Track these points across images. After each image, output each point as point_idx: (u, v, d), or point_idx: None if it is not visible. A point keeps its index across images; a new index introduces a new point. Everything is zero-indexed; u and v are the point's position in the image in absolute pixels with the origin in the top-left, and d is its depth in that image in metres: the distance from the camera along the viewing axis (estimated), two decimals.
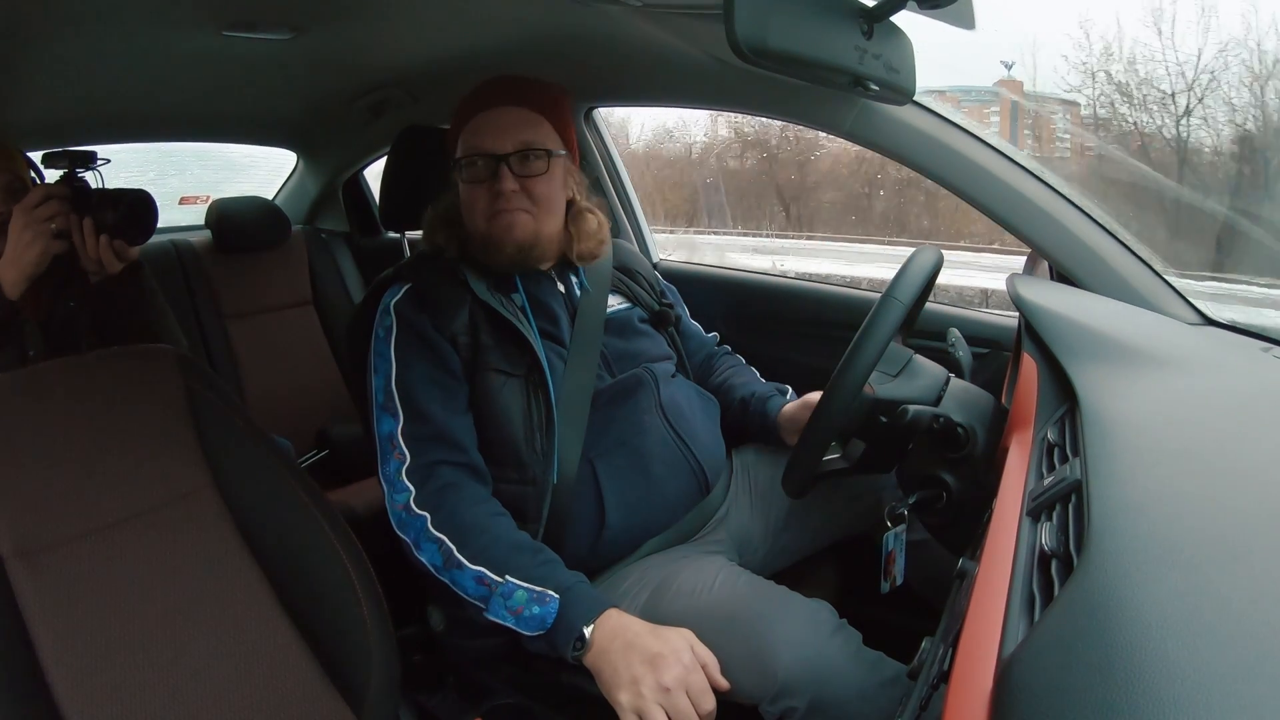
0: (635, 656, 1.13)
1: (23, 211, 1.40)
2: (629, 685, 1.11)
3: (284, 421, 2.42)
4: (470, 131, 1.45)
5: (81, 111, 2.19)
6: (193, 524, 1.29)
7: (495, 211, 1.43)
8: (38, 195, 1.41)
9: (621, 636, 1.16)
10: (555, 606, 1.20)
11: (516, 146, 1.43)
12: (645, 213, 2.50)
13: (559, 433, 1.40)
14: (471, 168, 1.43)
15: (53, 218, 1.40)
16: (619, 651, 1.14)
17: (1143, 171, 3.66)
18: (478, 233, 1.46)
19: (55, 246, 1.41)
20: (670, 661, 1.11)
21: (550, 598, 1.21)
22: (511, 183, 1.42)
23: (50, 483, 1.22)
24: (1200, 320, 1.42)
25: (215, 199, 2.73)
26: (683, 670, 1.11)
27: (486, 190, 1.43)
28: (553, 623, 1.20)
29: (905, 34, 1.31)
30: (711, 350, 1.82)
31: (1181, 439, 0.88)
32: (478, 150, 1.43)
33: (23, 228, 1.39)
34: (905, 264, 1.30)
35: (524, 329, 1.41)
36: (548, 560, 1.28)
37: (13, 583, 1.15)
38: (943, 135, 1.54)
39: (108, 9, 1.51)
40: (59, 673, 1.12)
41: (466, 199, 1.46)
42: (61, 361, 1.34)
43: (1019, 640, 0.63)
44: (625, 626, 1.18)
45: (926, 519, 1.33)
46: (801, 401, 1.58)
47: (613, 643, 1.16)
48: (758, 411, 1.64)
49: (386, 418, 1.36)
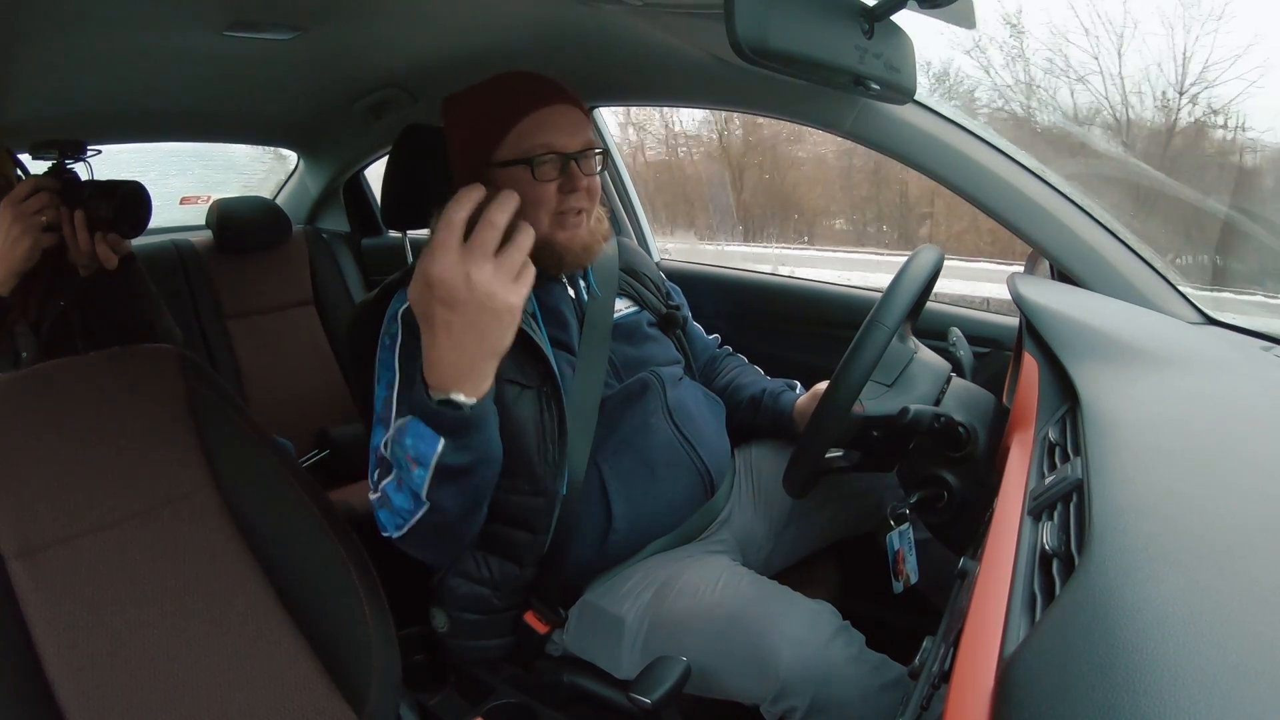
0: (431, 302, 1.05)
1: (11, 204, 1.36)
2: (443, 303, 1.04)
3: (284, 421, 2.43)
4: (534, 128, 1.37)
5: (82, 110, 2.19)
6: (194, 523, 1.30)
7: (564, 210, 1.39)
8: (26, 187, 1.38)
9: (430, 338, 1.08)
10: (414, 423, 1.13)
11: (581, 145, 1.39)
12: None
13: (570, 442, 1.39)
14: (543, 166, 1.36)
15: (42, 210, 1.37)
16: (432, 329, 1.07)
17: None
18: (538, 233, 1.41)
19: (45, 240, 1.38)
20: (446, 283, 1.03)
21: (406, 428, 1.14)
22: (582, 180, 1.39)
23: (52, 483, 1.22)
24: (1201, 320, 1.43)
25: (216, 199, 2.73)
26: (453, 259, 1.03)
27: (555, 189, 1.38)
28: (428, 427, 1.13)
29: (906, 33, 1.31)
30: (714, 352, 1.82)
31: (1182, 439, 0.88)
32: (550, 148, 1.36)
33: (11, 221, 1.36)
34: (900, 272, 1.30)
35: (537, 338, 1.38)
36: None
37: (14, 582, 1.15)
38: (944, 135, 1.54)
39: (108, 9, 1.51)
40: (60, 671, 1.12)
41: (529, 198, 1.35)
42: (63, 362, 1.34)
43: (1020, 640, 0.63)
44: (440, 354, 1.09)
45: (928, 518, 1.33)
46: (812, 393, 1.58)
47: (432, 351, 1.08)
48: (770, 407, 1.64)
49: (379, 429, 1.33)
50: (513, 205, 1.05)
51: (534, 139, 1.36)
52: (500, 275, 1.04)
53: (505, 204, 1.05)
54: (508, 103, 1.39)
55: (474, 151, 1.41)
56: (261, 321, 2.68)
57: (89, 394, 1.31)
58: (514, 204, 1.06)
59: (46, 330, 1.55)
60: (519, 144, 1.36)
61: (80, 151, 1.46)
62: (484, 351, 1.08)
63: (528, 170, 1.35)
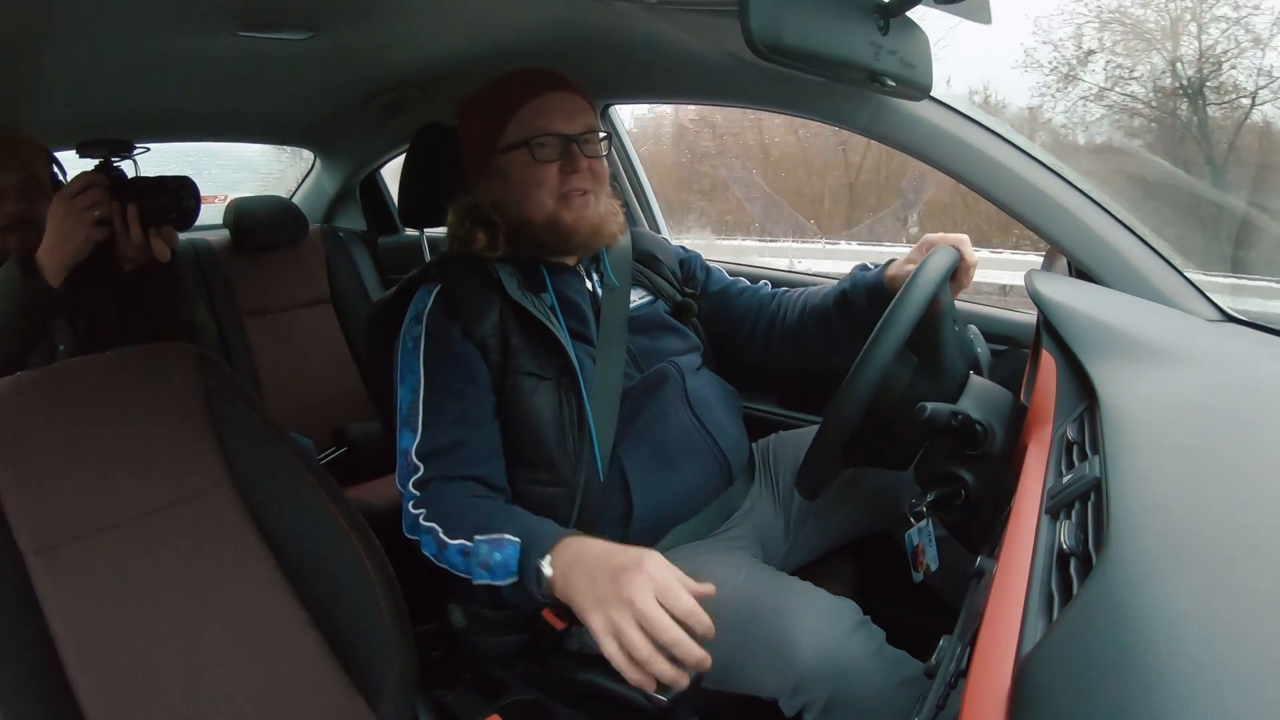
0: (599, 575, 1.08)
1: (63, 200, 1.41)
2: (596, 607, 1.06)
3: (301, 419, 2.44)
4: (531, 114, 1.43)
5: (98, 111, 2.21)
6: (211, 520, 1.30)
7: (567, 191, 1.44)
8: (78, 184, 1.42)
9: (582, 560, 1.12)
10: (515, 550, 1.18)
11: (582, 129, 1.45)
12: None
13: (593, 433, 1.41)
14: (542, 148, 1.42)
15: (94, 206, 1.41)
16: (582, 576, 1.10)
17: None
18: (543, 214, 1.45)
19: (97, 234, 1.42)
20: (631, 572, 1.05)
21: (508, 541, 1.19)
22: (583, 161, 1.44)
23: (70, 480, 1.23)
24: (1219, 316, 1.41)
25: (233, 198, 2.74)
26: (646, 578, 1.04)
27: (557, 170, 1.43)
28: (517, 566, 1.17)
29: (921, 29, 1.31)
30: (766, 300, 1.72)
31: (1201, 437, 0.88)
32: (547, 130, 1.42)
33: (63, 216, 1.40)
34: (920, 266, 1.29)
35: (555, 330, 1.41)
36: (515, 515, 1.26)
37: (33, 578, 1.16)
38: (960, 130, 1.53)
39: (123, 10, 1.52)
40: (78, 667, 1.13)
41: (532, 180, 1.44)
42: (82, 360, 1.35)
43: (1037, 639, 0.62)
44: (584, 549, 1.14)
45: (944, 516, 1.32)
46: (906, 258, 1.51)
47: (574, 568, 1.11)
48: (863, 286, 1.55)
49: (406, 433, 1.36)
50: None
51: (533, 123, 1.43)
52: (662, 615, 1.03)
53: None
54: (509, 93, 1.46)
55: (481, 144, 1.47)
56: (278, 320, 2.70)
57: (108, 392, 1.32)
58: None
59: (84, 324, 1.58)
60: (519, 129, 1.43)
61: (128, 150, 1.50)
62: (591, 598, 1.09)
63: (528, 152, 1.42)
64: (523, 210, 1.46)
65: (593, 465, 1.40)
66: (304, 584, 1.31)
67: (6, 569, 1.15)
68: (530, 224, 1.46)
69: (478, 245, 1.47)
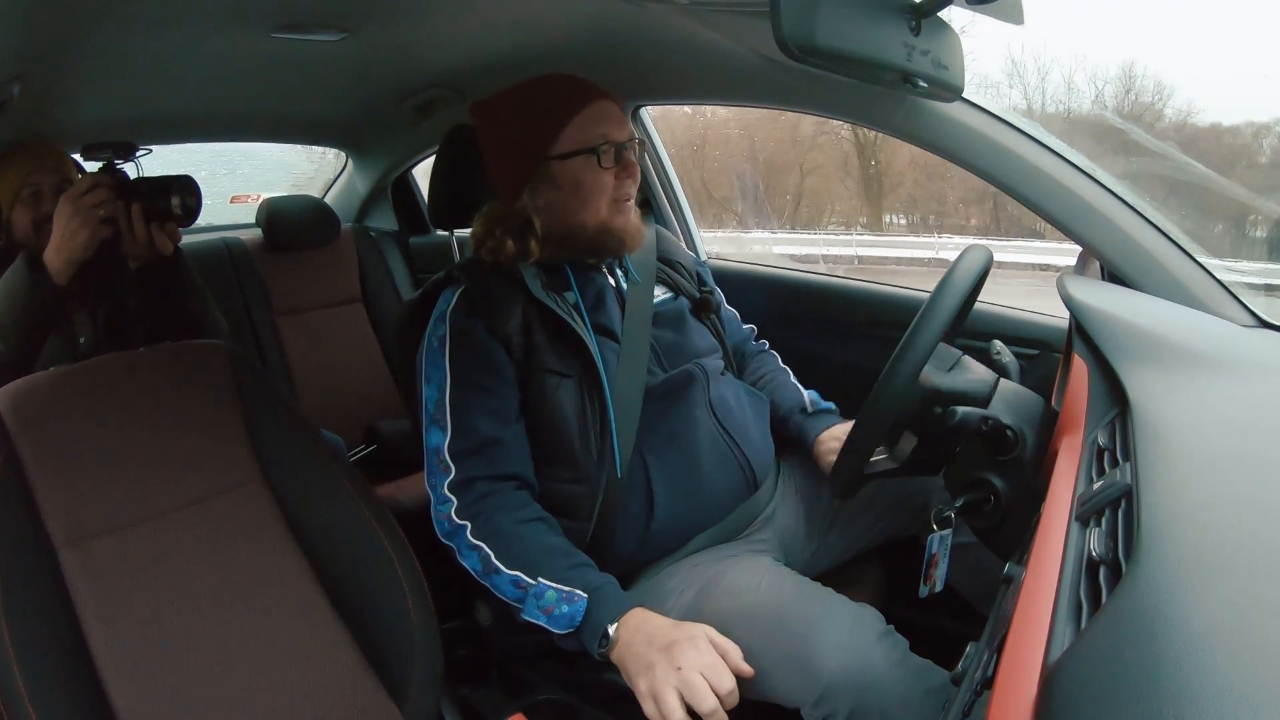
0: (654, 645, 1.16)
1: (70, 200, 1.46)
2: (645, 670, 1.14)
3: (332, 416, 2.46)
4: (589, 121, 1.44)
5: (133, 113, 2.24)
6: (241, 515, 1.32)
7: (619, 197, 1.46)
8: (85, 184, 1.47)
9: (643, 630, 1.19)
10: (583, 605, 1.23)
11: (629, 135, 1.47)
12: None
13: (614, 430, 1.41)
14: (607, 154, 1.43)
15: (100, 205, 1.46)
16: (640, 644, 1.18)
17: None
18: (597, 220, 1.45)
19: (102, 232, 1.47)
20: (684, 645, 1.14)
21: (579, 597, 1.24)
22: (635, 169, 1.47)
23: (103, 474, 1.25)
24: (1254, 323, 1.39)
25: (266, 197, 2.77)
26: (696, 653, 1.13)
27: (614, 177, 1.45)
28: (581, 621, 1.23)
29: (953, 30, 1.30)
30: (748, 346, 1.81)
31: (1234, 445, 0.87)
32: (607, 138, 1.43)
33: (70, 215, 1.45)
34: (955, 263, 1.28)
35: (578, 328, 1.41)
36: (579, 563, 1.30)
37: (65, 571, 1.18)
38: (993, 132, 1.52)
39: (158, 12, 1.53)
40: (107, 659, 1.15)
41: (595, 186, 1.44)
42: (115, 356, 1.38)
43: (1065, 647, 0.62)
44: (647, 621, 1.21)
45: (974, 522, 1.31)
46: (832, 434, 1.59)
47: (635, 636, 1.19)
48: (800, 429, 1.65)
49: (435, 430, 1.37)
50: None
51: (593, 130, 1.43)
52: (704, 686, 1.11)
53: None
54: (561, 99, 1.45)
55: (524, 149, 1.45)
56: (311, 318, 2.72)
57: (141, 387, 1.34)
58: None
59: (103, 319, 1.62)
60: (579, 136, 1.43)
61: (131, 153, 1.56)
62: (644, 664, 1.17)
63: (593, 159, 1.42)
64: (577, 216, 1.45)
65: (614, 463, 1.40)
66: (332, 581, 1.32)
67: (39, 562, 1.17)
68: (583, 229, 1.46)
69: (507, 254, 1.46)
